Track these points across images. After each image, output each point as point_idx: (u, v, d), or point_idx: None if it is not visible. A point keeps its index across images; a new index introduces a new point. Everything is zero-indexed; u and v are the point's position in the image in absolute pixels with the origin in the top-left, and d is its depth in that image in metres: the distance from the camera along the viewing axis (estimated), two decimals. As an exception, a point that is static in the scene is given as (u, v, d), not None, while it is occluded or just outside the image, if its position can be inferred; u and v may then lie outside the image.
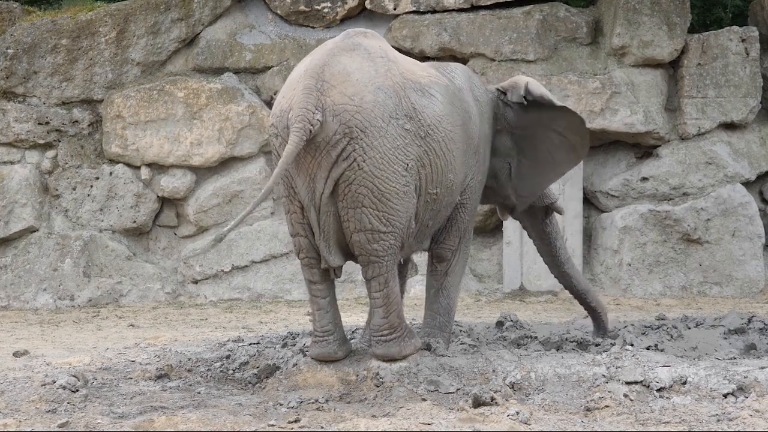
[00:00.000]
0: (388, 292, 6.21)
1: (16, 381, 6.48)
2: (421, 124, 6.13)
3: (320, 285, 6.30)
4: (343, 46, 6.18)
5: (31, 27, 12.11)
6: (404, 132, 6.05)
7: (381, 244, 6.10)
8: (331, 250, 6.14)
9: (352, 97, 5.94)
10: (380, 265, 6.16)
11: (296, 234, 6.23)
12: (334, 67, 6.03)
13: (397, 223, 6.11)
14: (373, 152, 5.95)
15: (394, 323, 6.23)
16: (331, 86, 5.96)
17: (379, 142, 5.96)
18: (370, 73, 6.05)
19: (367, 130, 5.93)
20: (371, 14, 12.53)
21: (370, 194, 5.98)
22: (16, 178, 12.03)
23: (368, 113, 5.94)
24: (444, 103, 6.33)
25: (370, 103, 5.96)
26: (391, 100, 6.03)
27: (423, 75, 6.34)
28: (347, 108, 5.92)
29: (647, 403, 5.78)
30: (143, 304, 11.80)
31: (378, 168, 5.96)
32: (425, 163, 6.19)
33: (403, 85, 6.13)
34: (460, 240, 6.81)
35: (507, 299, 11.79)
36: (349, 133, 5.91)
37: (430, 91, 6.27)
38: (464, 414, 5.59)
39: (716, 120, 12.37)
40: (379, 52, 6.21)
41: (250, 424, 5.44)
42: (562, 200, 12.13)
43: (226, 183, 12.17)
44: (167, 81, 12.19)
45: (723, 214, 12.21)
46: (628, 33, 12.22)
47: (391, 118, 6.01)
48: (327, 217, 6.06)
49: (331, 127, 5.91)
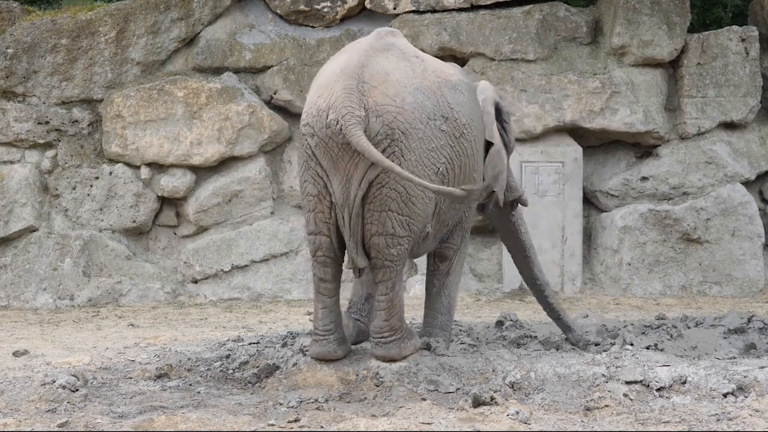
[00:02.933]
0: (393, 296, 6.22)
1: (16, 381, 6.48)
2: (457, 124, 6.13)
3: (330, 284, 6.30)
4: (377, 47, 6.14)
5: (31, 27, 12.10)
6: (440, 133, 6.04)
7: (397, 249, 6.10)
8: (359, 252, 6.13)
9: (393, 98, 5.91)
10: (392, 270, 6.17)
11: (318, 232, 6.17)
12: (373, 68, 5.99)
13: (415, 228, 6.12)
14: (411, 155, 5.93)
15: (395, 326, 6.23)
16: (372, 87, 5.92)
17: (416, 144, 5.94)
18: (408, 74, 6.03)
19: (407, 132, 5.91)
20: (371, 14, 12.52)
21: (399, 198, 5.97)
22: (16, 178, 12.02)
23: (409, 114, 5.93)
24: (472, 101, 6.36)
25: (411, 105, 5.94)
26: (429, 101, 6.02)
27: (452, 73, 6.35)
28: (389, 109, 5.89)
29: (647, 402, 5.78)
30: (143, 303, 11.80)
31: (411, 171, 5.92)
32: (455, 165, 6.18)
33: (439, 84, 6.12)
34: (461, 239, 6.83)
35: (507, 299, 11.79)
36: (391, 135, 5.89)
37: (459, 89, 6.27)
38: (464, 414, 5.59)
39: (716, 120, 12.37)
40: (412, 52, 6.23)
41: (249, 423, 5.44)
42: (562, 200, 12.14)
43: (226, 183, 12.17)
44: (167, 81, 12.19)
45: (723, 213, 12.21)
46: (628, 33, 12.22)
47: (430, 120, 5.99)
48: (357, 219, 6.05)
49: (374, 127, 5.88)
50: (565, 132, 12.38)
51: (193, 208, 12.17)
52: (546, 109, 12.22)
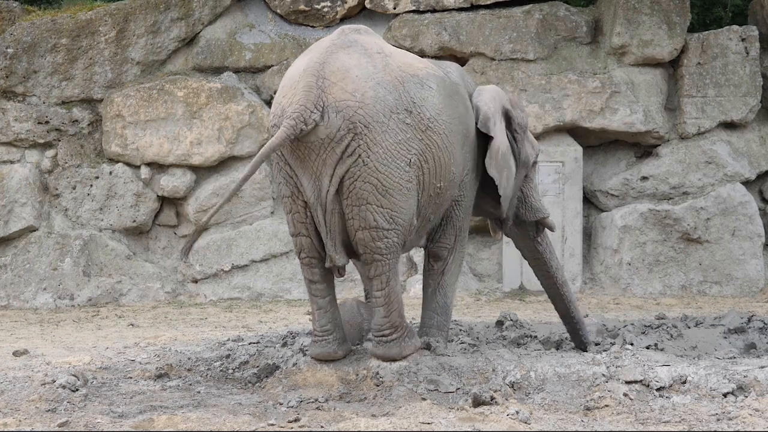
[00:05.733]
0: (389, 291, 6.21)
1: (16, 380, 6.47)
2: (422, 118, 6.13)
3: (320, 285, 6.31)
4: (339, 44, 6.18)
5: (31, 26, 12.10)
6: (405, 126, 6.05)
7: (384, 242, 6.09)
8: (337, 249, 6.14)
9: (353, 93, 5.95)
10: (383, 264, 6.15)
11: (298, 234, 6.23)
12: (333, 64, 6.03)
13: (400, 220, 6.10)
14: (377, 147, 5.95)
15: (395, 322, 6.22)
16: (332, 83, 5.96)
17: (381, 137, 5.96)
18: (368, 69, 6.05)
19: (370, 125, 5.94)
20: (371, 13, 12.52)
21: (375, 191, 5.98)
22: (16, 178, 12.02)
23: (370, 108, 5.95)
24: (442, 95, 6.32)
25: (371, 99, 5.96)
26: (391, 95, 6.03)
27: (420, 67, 6.33)
28: (349, 104, 5.93)
29: (647, 402, 5.78)
30: (143, 303, 11.80)
31: (382, 163, 5.96)
32: (428, 158, 6.18)
33: (402, 79, 6.13)
34: (455, 238, 6.78)
35: (507, 298, 11.79)
36: (353, 129, 5.92)
37: (428, 83, 6.26)
38: (464, 413, 5.59)
39: (716, 119, 12.37)
40: (375, 47, 6.22)
41: (249, 423, 5.44)
42: (562, 199, 12.13)
43: (225, 182, 12.16)
44: (167, 80, 12.19)
45: (723, 213, 12.21)
46: (628, 32, 12.22)
47: (392, 113, 6.01)
48: (333, 216, 6.06)
49: (335, 123, 5.91)
50: (565, 132, 12.39)
51: (193, 207, 12.17)
52: (546, 108, 12.22)
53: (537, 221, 7.31)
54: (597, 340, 7.44)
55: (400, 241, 6.18)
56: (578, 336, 7.42)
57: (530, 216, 7.27)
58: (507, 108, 6.96)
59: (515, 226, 7.28)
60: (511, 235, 7.39)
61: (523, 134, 7.11)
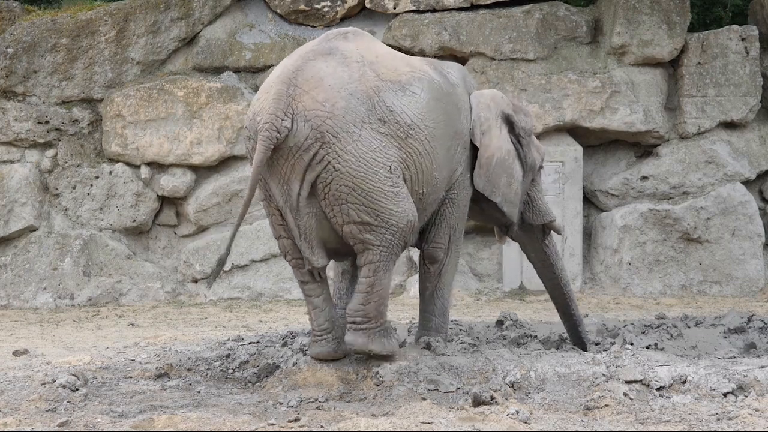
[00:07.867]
0: (375, 281, 6.11)
1: (16, 380, 6.47)
2: (400, 125, 6.08)
3: (311, 284, 6.29)
4: (319, 51, 6.14)
5: (31, 26, 12.11)
6: (380, 135, 6.00)
7: (374, 235, 6.04)
8: (314, 251, 6.12)
9: (323, 102, 5.92)
10: (373, 252, 6.08)
11: (279, 236, 6.26)
12: (308, 72, 6.00)
13: (392, 221, 6.06)
14: (348, 155, 5.91)
15: (369, 313, 6.12)
16: (303, 92, 5.94)
17: (353, 146, 5.92)
18: (343, 79, 6.01)
19: (338, 135, 5.91)
20: (371, 13, 12.52)
21: (353, 192, 5.94)
22: (16, 177, 12.03)
23: (340, 119, 5.92)
24: (426, 99, 6.25)
25: (341, 109, 5.93)
26: (363, 106, 5.98)
27: (404, 72, 6.25)
28: (318, 114, 5.90)
29: (647, 402, 5.78)
30: (143, 303, 11.80)
31: (356, 169, 5.92)
32: (409, 165, 6.14)
33: (378, 88, 6.06)
34: (450, 238, 6.72)
35: (507, 298, 11.79)
36: (321, 138, 5.90)
37: (411, 89, 6.20)
38: (464, 413, 5.59)
39: (716, 119, 12.38)
40: (356, 56, 6.15)
41: (249, 423, 5.44)
42: (562, 199, 12.13)
43: (225, 182, 12.17)
44: (167, 80, 12.19)
45: (723, 213, 12.21)
46: (628, 32, 12.22)
47: (364, 123, 5.96)
48: (308, 219, 6.04)
49: (303, 132, 5.89)
50: (565, 131, 12.39)
51: (193, 207, 12.17)
52: (546, 108, 12.22)
53: (544, 225, 7.32)
54: (597, 340, 7.44)
55: (395, 239, 6.11)
56: (578, 336, 7.42)
57: (538, 220, 7.26)
58: (508, 113, 6.90)
59: (522, 230, 7.27)
60: (517, 238, 7.38)
61: (528, 138, 7.09)
